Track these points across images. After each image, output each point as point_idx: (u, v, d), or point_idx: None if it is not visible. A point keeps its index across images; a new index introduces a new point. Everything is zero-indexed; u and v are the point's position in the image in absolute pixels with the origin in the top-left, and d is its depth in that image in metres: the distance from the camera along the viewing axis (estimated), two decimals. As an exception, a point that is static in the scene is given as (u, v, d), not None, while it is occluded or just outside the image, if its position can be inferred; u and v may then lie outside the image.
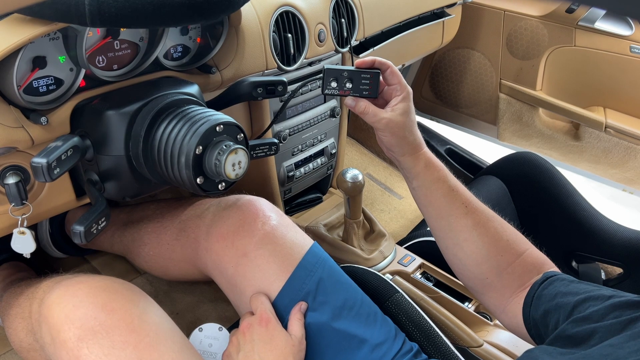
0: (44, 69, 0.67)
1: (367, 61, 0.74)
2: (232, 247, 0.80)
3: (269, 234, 0.81)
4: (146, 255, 0.94)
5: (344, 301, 0.79)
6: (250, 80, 0.83)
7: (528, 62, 1.67)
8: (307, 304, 0.77)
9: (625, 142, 1.54)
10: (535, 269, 0.72)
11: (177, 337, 0.68)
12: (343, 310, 0.78)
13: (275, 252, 0.80)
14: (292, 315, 0.75)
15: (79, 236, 0.63)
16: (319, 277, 0.80)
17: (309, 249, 0.82)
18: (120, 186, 0.73)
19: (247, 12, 0.90)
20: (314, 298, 0.78)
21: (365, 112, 0.73)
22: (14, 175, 0.67)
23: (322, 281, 0.79)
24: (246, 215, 0.83)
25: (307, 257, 0.81)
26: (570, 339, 0.57)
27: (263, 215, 0.83)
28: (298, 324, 0.74)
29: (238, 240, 0.80)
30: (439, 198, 0.76)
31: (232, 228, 0.82)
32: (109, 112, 0.68)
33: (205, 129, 0.65)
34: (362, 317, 0.79)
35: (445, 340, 0.85)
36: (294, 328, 0.74)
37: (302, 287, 0.78)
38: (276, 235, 0.81)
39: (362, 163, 1.80)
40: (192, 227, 0.87)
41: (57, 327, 0.63)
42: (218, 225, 0.83)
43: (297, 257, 0.80)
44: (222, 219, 0.83)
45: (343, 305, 0.78)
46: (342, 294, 0.80)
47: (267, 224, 0.82)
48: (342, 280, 0.83)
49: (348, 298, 0.80)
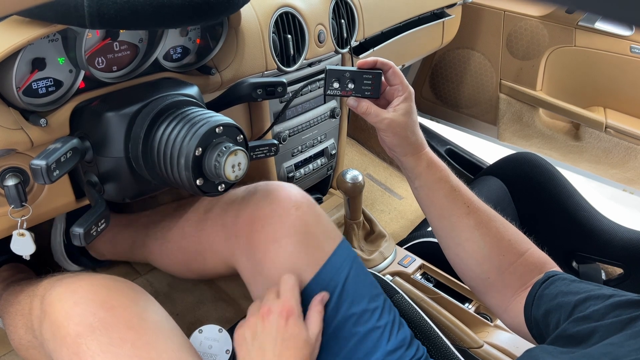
0: (43, 70, 0.67)
1: (369, 62, 0.74)
2: (262, 231, 0.77)
3: (302, 219, 0.78)
4: (170, 253, 0.91)
5: (368, 301, 0.77)
6: (250, 82, 0.83)
7: (528, 63, 1.67)
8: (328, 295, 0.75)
9: (626, 142, 1.53)
10: (537, 268, 0.72)
11: (177, 336, 0.68)
12: (366, 312, 0.76)
13: (308, 240, 0.77)
14: (313, 307, 0.72)
15: (78, 238, 0.63)
16: (348, 273, 0.77)
17: (341, 242, 0.80)
18: (120, 188, 0.72)
19: (247, 13, 0.90)
20: (340, 295, 0.76)
21: (367, 112, 0.73)
22: (13, 177, 0.67)
23: (350, 278, 0.77)
24: (279, 199, 0.79)
25: (339, 249, 0.79)
26: (571, 338, 0.57)
27: (296, 200, 0.80)
28: (317, 318, 0.71)
29: (269, 224, 0.77)
30: (441, 198, 0.76)
31: (262, 212, 0.78)
32: (108, 113, 0.68)
33: (205, 131, 0.65)
34: (382, 320, 0.77)
35: (445, 341, 0.85)
36: (313, 323, 0.71)
37: (332, 280, 0.76)
38: (309, 223, 0.78)
39: (362, 163, 1.80)
40: (219, 213, 0.84)
41: (57, 324, 0.63)
42: (248, 209, 0.80)
43: (329, 248, 0.78)
44: (252, 203, 0.80)
45: (366, 308, 0.77)
46: (367, 293, 0.78)
47: (300, 209, 0.79)
48: (369, 281, 0.81)
49: (372, 299, 0.78)
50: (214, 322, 0.90)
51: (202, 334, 0.82)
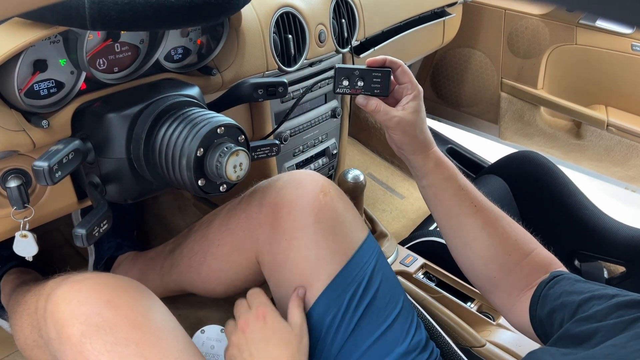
0: (45, 72, 0.67)
1: (378, 60, 0.74)
2: (288, 218, 0.75)
3: (331, 206, 0.75)
4: (197, 265, 0.87)
5: (389, 300, 0.76)
6: (251, 82, 0.83)
7: (529, 61, 1.67)
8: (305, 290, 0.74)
9: (627, 140, 1.53)
10: (543, 268, 0.72)
11: (181, 336, 0.68)
12: (385, 310, 0.75)
13: (336, 229, 0.75)
14: (291, 302, 0.73)
15: (80, 239, 0.63)
16: (374, 268, 0.76)
17: (368, 234, 0.79)
18: (122, 188, 0.73)
19: (248, 13, 0.90)
20: (365, 290, 0.74)
21: (377, 110, 0.73)
22: (15, 179, 0.67)
23: (375, 273, 0.76)
24: (304, 184, 0.77)
25: (367, 242, 0.77)
26: (573, 339, 0.57)
27: (323, 187, 0.77)
28: (296, 311, 0.71)
29: (295, 210, 0.75)
30: (448, 197, 0.76)
31: (288, 197, 0.76)
32: (110, 114, 0.68)
33: (206, 131, 0.65)
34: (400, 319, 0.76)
35: (448, 340, 0.85)
36: (293, 316, 0.71)
37: (358, 275, 0.74)
38: (338, 211, 0.76)
39: (363, 163, 1.79)
40: (242, 207, 0.81)
41: (62, 323, 0.63)
42: (272, 195, 0.77)
43: (357, 239, 0.76)
44: (277, 189, 0.77)
45: (387, 306, 0.76)
46: (388, 291, 0.77)
47: (328, 196, 0.76)
48: (392, 277, 0.80)
49: (392, 297, 0.77)
50: (216, 322, 0.90)
51: (204, 334, 0.82)
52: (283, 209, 0.76)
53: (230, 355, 0.71)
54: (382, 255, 0.80)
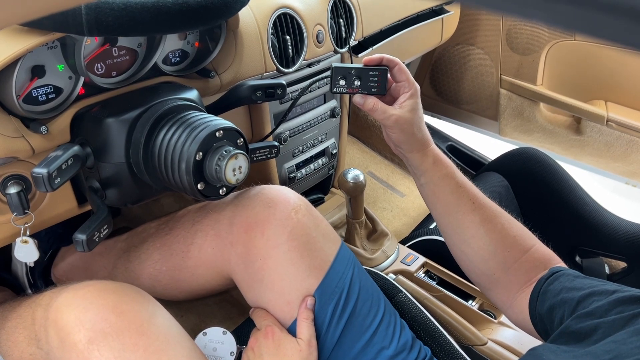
0: (43, 77, 0.67)
1: (375, 58, 0.74)
2: (262, 237, 0.75)
3: (302, 223, 0.76)
4: (157, 274, 0.85)
5: (371, 305, 0.77)
6: (249, 84, 0.83)
7: (528, 57, 1.66)
8: (314, 300, 0.74)
9: (628, 135, 1.53)
10: (542, 264, 0.73)
11: (185, 341, 0.68)
12: (368, 316, 0.76)
13: (309, 244, 0.75)
14: (300, 314, 0.73)
15: (81, 244, 0.63)
16: (351, 277, 0.77)
17: (341, 245, 0.79)
18: (122, 193, 0.73)
19: (245, 15, 0.90)
20: (346, 300, 0.75)
21: (374, 109, 0.73)
22: (15, 185, 0.67)
23: (353, 282, 0.77)
24: (276, 203, 0.76)
25: (341, 253, 0.78)
26: (574, 335, 0.57)
27: (294, 203, 0.77)
28: (305, 324, 0.72)
29: (269, 230, 0.74)
30: (447, 194, 0.76)
31: (260, 216, 0.75)
32: (108, 119, 0.68)
33: (205, 135, 0.65)
34: (384, 324, 0.77)
35: (449, 339, 0.85)
36: (302, 330, 0.72)
37: (337, 286, 0.75)
38: (309, 226, 0.76)
39: (363, 161, 1.79)
40: (210, 223, 0.80)
41: (66, 330, 0.62)
42: (244, 214, 0.77)
43: (330, 252, 0.77)
44: (248, 208, 0.77)
45: (369, 312, 0.77)
46: (369, 297, 0.78)
47: (299, 213, 0.76)
48: (369, 283, 0.81)
49: (373, 302, 0.78)
50: (218, 323, 0.90)
51: (206, 336, 0.82)
52: (256, 229, 0.75)
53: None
54: (357, 262, 0.81)
